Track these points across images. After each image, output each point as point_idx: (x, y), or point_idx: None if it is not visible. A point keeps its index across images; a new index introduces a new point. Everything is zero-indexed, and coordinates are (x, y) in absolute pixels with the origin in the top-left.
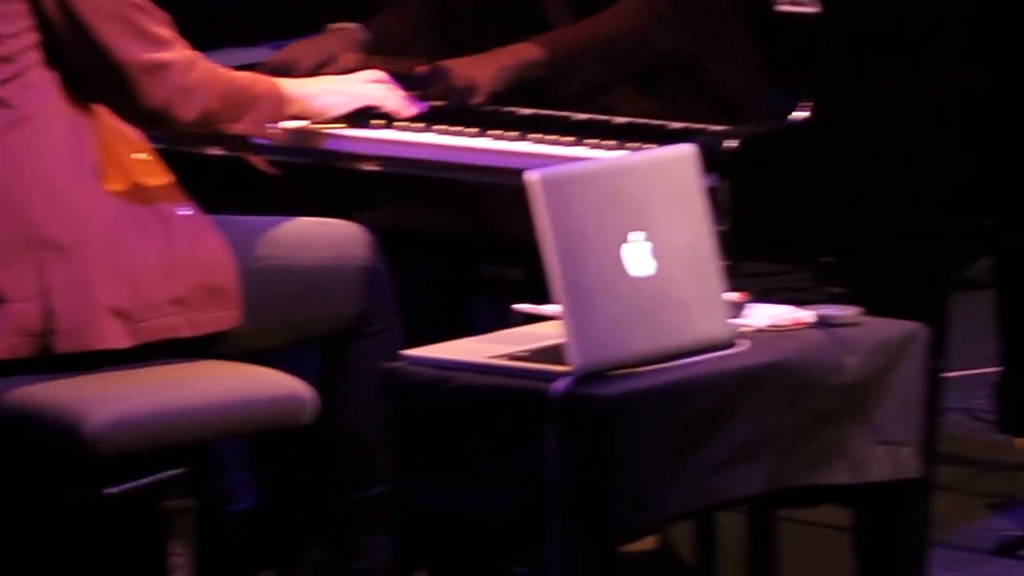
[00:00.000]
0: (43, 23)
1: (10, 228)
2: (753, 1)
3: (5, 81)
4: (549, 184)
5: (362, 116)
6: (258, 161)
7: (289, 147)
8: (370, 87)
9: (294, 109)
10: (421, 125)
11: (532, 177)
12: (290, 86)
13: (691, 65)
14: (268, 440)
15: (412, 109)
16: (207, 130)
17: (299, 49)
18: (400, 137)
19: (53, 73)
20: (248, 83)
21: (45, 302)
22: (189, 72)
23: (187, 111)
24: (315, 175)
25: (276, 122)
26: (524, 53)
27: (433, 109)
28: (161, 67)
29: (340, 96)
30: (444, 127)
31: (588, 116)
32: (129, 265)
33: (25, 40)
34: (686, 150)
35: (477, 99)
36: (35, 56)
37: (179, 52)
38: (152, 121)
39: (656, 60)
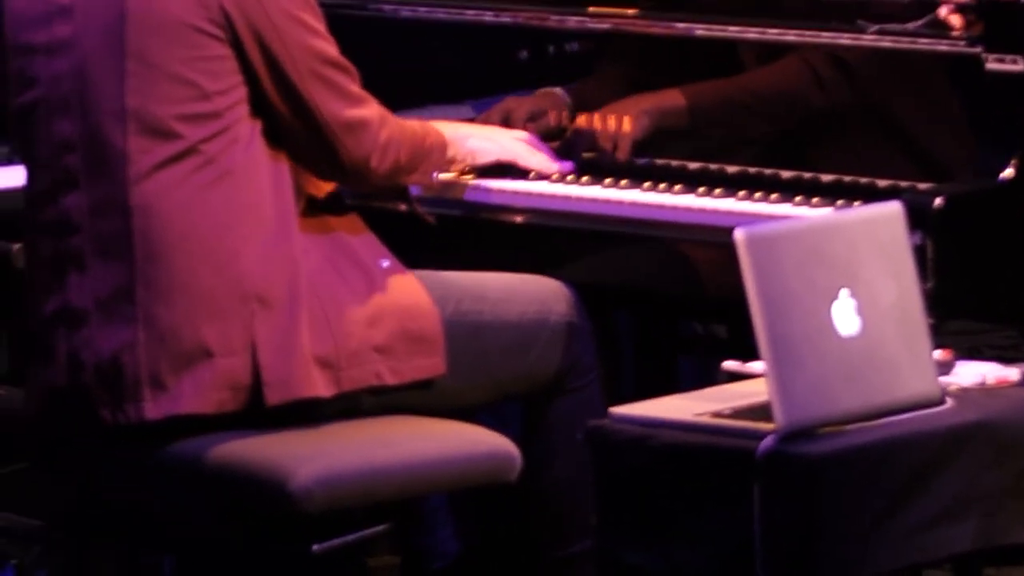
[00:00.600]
0: (250, 80)
1: (218, 282)
2: (959, 59)
3: (213, 137)
4: (757, 242)
5: (503, 171)
6: (421, 211)
7: (461, 200)
8: (517, 142)
9: (450, 152)
10: (624, 182)
11: (740, 235)
12: (445, 130)
13: (888, 123)
14: (472, 496)
15: (555, 166)
16: (393, 183)
17: (513, 102)
18: (605, 195)
19: (256, 128)
20: (422, 133)
21: (252, 355)
22: (383, 128)
23: (383, 166)
24: (504, 230)
25: (442, 170)
26: (665, 100)
27: (641, 165)
28: (361, 124)
29: (489, 143)
30: (651, 183)
31: (795, 174)
32: (333, 315)
33: (233, 96)
34: (893, 208)
35: (623, 150)
36: (241, 111)
37: (374, 108)
38: (350, 177)
39: (815, 117)
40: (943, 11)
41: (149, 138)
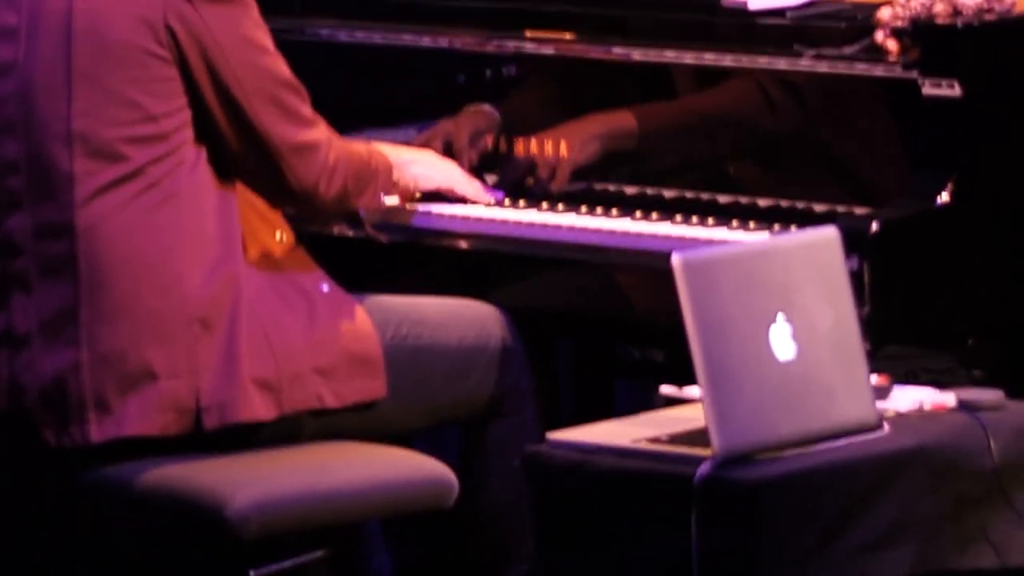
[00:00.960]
0: (196, 102)
1: (162, 305)
2: (894, 84)
3: (158, 159)
4: (693, 266)
5: (439, 198)
6: (372, 232)
7: (406, 225)
8: (453, 168)
9: (395, 176)
10: (561, 206)
11: (677, 259)
12: (389, 153)
13: (824, 147)
14: (409, 520)
15: (488, 197)
16: (341, 207)
17: (451, 125)
18: (542, 219)
19: (202, 151)
20: (367, 156)
21: (195, 378)
22: (331, 151)
23: (331, 190)
24: (444, 255)
25: (388, 193)
26: (615, 122)
27: (579, 190)
28: (309, 148)
29: (431, 170)
30: (588, 207)
31: (732, 198)
32: (275, 337)
33: (179, 118)
34: (829, 232)
35: (562, 176)
36: (187, 134)
37: (323, 131)
38: (298, 201)
39: (763, 141)
40: (879, 36)
41: (95, 160)
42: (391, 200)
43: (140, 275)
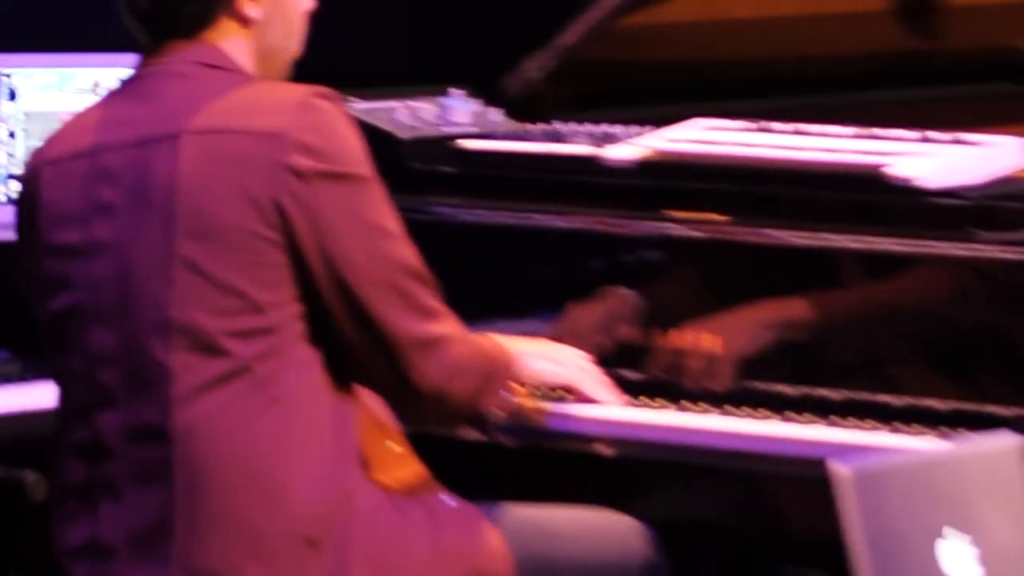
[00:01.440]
0: (308, 292)
1: (265, 519)
2: None
3: (264, 355)
4: (860, 477)
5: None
6: (499, 437)
7: (534, 428)
8: (580, 364)
9: (515, 371)
10: (702, 406)
11: (840, 469)
12: (509, 347)
13: (1011, 341)
14: None
15: (613, 398)
16: (471, 410)
17: (581, 312)
18: (686, 423)
19: (315, 348)
20: (491, 350)
21: None
22: (459, 345)
23: (462, 389)
24: (571, 462)
25: (509, 391)
26: (789, 311)
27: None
28: (436, 342)
29: (555, 365)
30: (731, 408)
31: (896, 398)
32: (394, 558)
33: (288, 311)
34: (1011, 441)
35: (724, 367)
36: (297, 328)
37: (451, 325)
38: (425, 402)
39: (953, 337)
40: None
41: (195, 354)
42: (513, 398)
43: (240, 485)
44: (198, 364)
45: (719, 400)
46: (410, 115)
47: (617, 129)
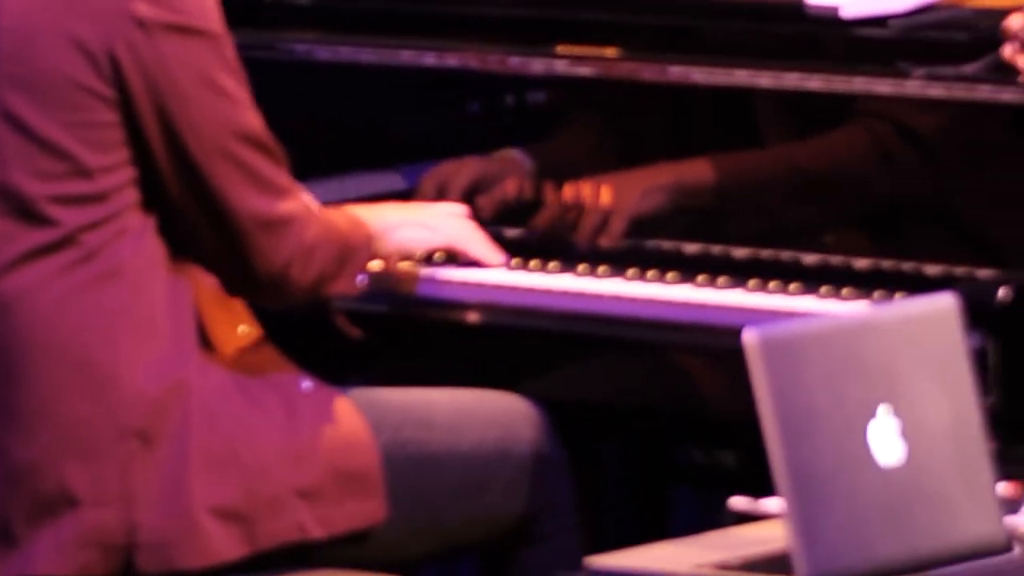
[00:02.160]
0: (143, 156)
1: (92, 410)
2: None
3: (94, 225)
4: (772, 345)
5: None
6: (344, 325)
7: (404, 295)
8: (455, 226)
9: (376, 248)
10: (604, 269)
11: (751, 337)
12: (369, 218)
13: (939, 196)
14: None
15: (501, 256)
16: (312, 296)
17: (452, 167)
18: (579, 286)
19: (150, 219)
20: (348, 230)
21: (128, 507)
22: (308, 227)
23: (305, 275)
24: (450, 333)
25: (364, 271)
26: (688, 173)
27: (623, 248)
28: (282, 223)
29: (422, 231)
30: (637, 270)
31: (820, 258)
32: (243, 451)
33: (120, 176)
34: (945, 302)
35: (613, 231)
36: (131, 196)
37: (300, 202)
38: (263, 287)
39: (877, 206)
40: (1007, 50)
41: (15, 221)
42: (375, 265)
43: (65, 371)
44: (17, 232)
45: (619, 264)
46: None
47: None
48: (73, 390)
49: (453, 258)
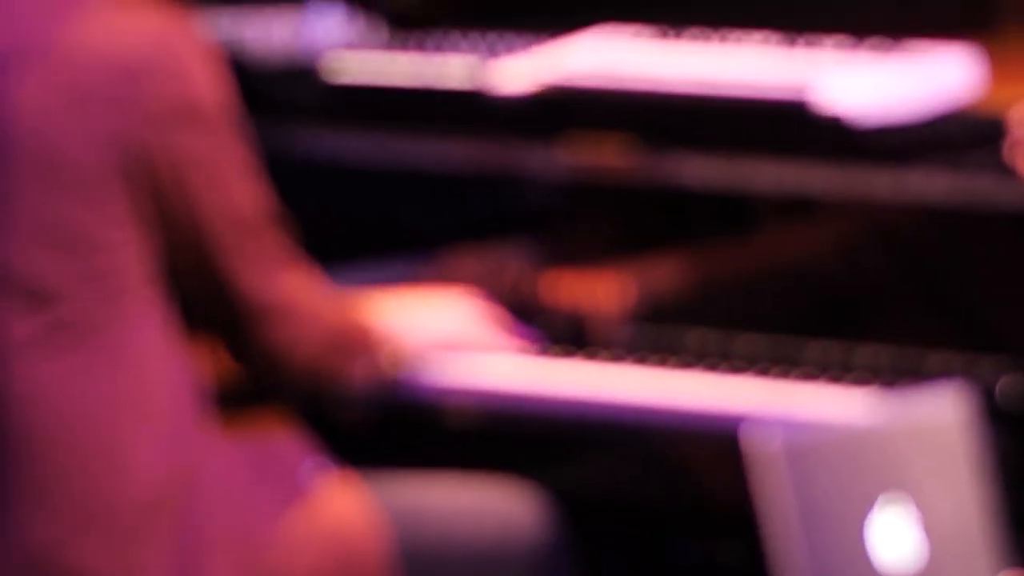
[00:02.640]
0: (152, 235)
1: (104, 488)
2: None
3: (95, 302)
4: (788, 453)
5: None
6: (343, 413)
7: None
8: (456, 321)
9: (391, 350)
10: (605, 355)
11: (763, 444)
12: (378, 316)
13: (934, 286)
14: None
15: (509, 343)
16: (312, 386)
17: (455, 260)
18: (579, 377)
19: (156, 298)
20: (359, 323)
21: None
22: (311, 320)
23: (306, 358)
24: (451, 424)
25: (376, 367)
26: (663, 272)
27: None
28: (282, 310)
29: (423, 330)
30: (634, 359)
31: (822, 344)
32: (250, 528)
33: (129, 253)
34: (949, 395)
35: (608, 321)
36: (138, 273)
37: (305, 289)
38: (260, 370)
39: (860, 292)
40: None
41: (15, 300)
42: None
43: (71, 453)
44: (19, 313)
45: (621, 353)
46: (267, 30)
47: (509, 41)
48: (85, 469)
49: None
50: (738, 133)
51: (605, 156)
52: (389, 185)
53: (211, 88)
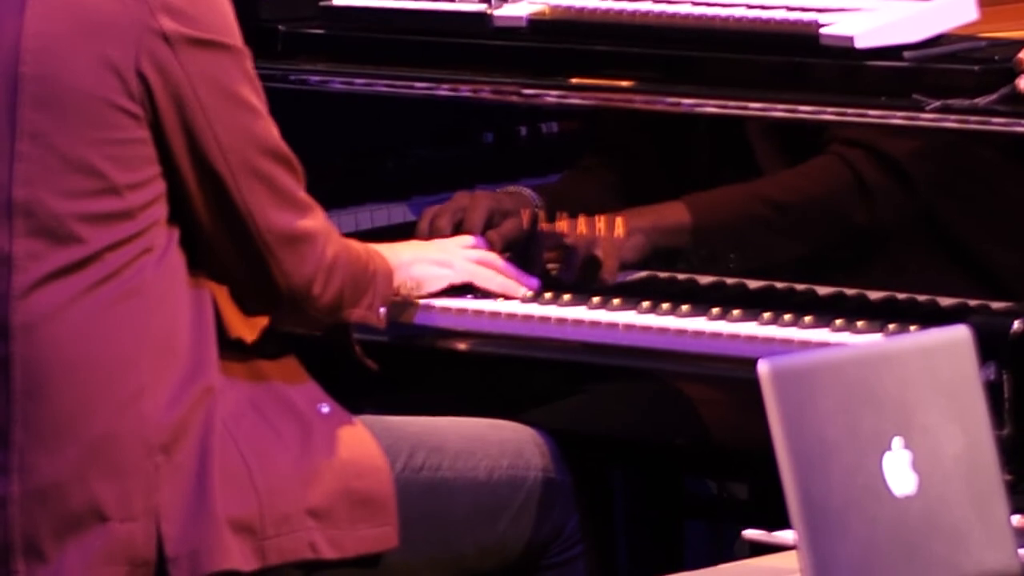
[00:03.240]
0: (169, 172)
1: (118, 427)
2: None
3: (121, 243)
4: (786, 376)
5: (460, 291)
6: (363, 357)
7: (416, 325)
8: (471, 261)
9: (395, 282)
10: (618, 302)
11: (765, 368)
12: (386, 253)
13: (947, 229)
14: None
15: (521, 288)
16: (334, 318)
17: (465, 199)
18: (592, 317)
19: (174, 234)
20: (366, 256)
21: (154, 521)
22: (329, 245)
23: (327, 294)
24: (462, 364)
25: (386, 304)
26: (665, 216)
27: (637, 280)
28: (304, 239)
29: (440, 267)
30: (646, 303)
31: (834, 290)
32: (257, 468)
33: (149, 192)
34: (959, 334)
35: (609, 266)
36: (158, 213)
37: (320, 219)
38: (284, 304)
39: (859, 234)
40: (1022, 82)
41: (40, 240)
42: (385, 312)
43: (90, 389)
44: (43, 251)
45: (633, 296)
46: None
47: None
48: (99, 408)
49: (470, 290)
50: (752, 66)
51: (617, 92)
52: (397, 122)
53: (224, 12)
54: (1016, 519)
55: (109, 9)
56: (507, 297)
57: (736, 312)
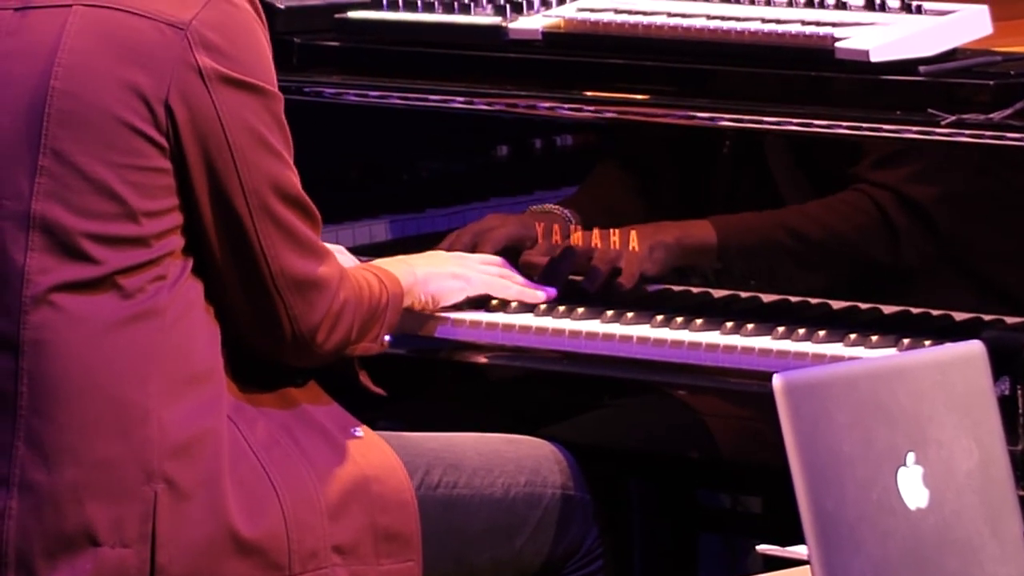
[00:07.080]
0: (188, 205)
1: (118, 452)
2: None
3: (134, 270)
4: (799, 391)
5: (477, 304)
6: (368, 383)
7: (430, 338)
8: (488, 274)
9: (407, 303)
10: (632, 315)
11: (779, 382)
12: (402, 271)
13: (964, 247)
14: None
15: (539, 294)
16: (336, 357)
17: (496, 220)
18: (606, 330)
19: (189, 263)
20: (378, 291)
21: (149, 549)
22: (340, 292)
23: (331, 339)
24: (475, 376)
25: (392, 331)
26: (691, 234)
27: (652, 293)
28: (315, 285)
29: (455, 281)
30: (660, 317)
31: (848, 304)
32: (289, 501)
33: (166, 222)
34: (973, 349)
35: (628, 276)
36: (174, 243)
37: (334, 266)
38: (289, 348)
39: (881, 262)
40: None
41: (54, 256)
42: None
43: (95, 410)
44: (55, 267)
45: (647, 310)
46: None
47: None
48: (101, 429)
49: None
50: (768, 79)
51: (632, 106)
52: (413, 135)
53: (262, 54)
54: None
55: (148, 37)
56: (524, 304)
57: (750, 326)
